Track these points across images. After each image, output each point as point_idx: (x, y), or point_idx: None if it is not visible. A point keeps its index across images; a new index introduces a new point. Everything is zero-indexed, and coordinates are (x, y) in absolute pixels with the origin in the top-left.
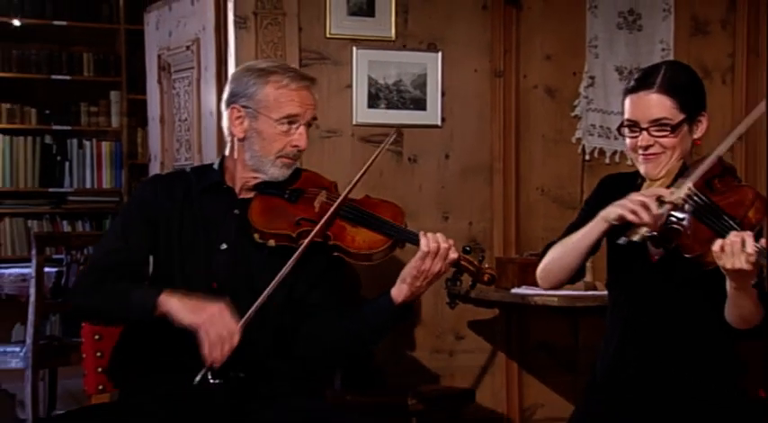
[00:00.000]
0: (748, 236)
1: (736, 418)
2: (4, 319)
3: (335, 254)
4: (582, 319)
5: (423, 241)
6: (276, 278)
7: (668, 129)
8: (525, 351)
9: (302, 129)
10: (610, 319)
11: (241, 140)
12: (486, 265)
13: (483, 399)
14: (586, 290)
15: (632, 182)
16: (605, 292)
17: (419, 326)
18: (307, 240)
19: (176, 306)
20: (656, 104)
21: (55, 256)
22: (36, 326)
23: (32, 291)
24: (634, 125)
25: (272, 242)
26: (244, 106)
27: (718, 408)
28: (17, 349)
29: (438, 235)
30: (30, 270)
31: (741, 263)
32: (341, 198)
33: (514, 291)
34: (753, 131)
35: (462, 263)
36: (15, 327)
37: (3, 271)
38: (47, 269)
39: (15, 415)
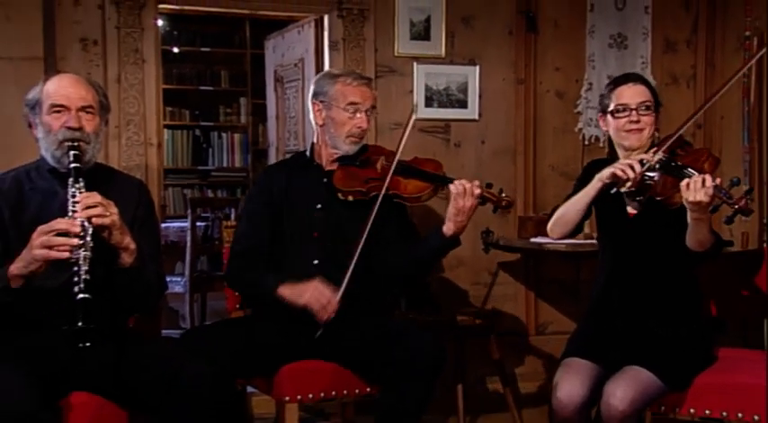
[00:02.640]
0: (707, 176)
1: (696, 331)
2: (170, 257)
3: (396, 200)
4: (583, 261)
5: (452, 187)
6: (365, 231)
7: (651, 109)
8: (540, 284)
9: (363, 115)
10: (600, 260)
11: (321, 126)
12: (504, 194)
13: (509, 318)
14: (585, 239)
15: (607, 165)
16: None
17: (462, 266)
18: (380, 195)
19: (287, 294)
20: (642, 92)
21: (203, 214)
22: (191, 263)
23: (188, 238)
24: (625, 107)
25: (350, 197)
26: (321, 101)
27: (683, 323)
28: (179, 279)
29: (464, 180)
30: (186, 224)
31: (701, 196)
32: (394, 161)
33: (533, 240)
34: (710, 121)
35: (485, 195)
36: (177, 264)
37: (168, 225)
38: (198, 223)
39: (179, 324)
